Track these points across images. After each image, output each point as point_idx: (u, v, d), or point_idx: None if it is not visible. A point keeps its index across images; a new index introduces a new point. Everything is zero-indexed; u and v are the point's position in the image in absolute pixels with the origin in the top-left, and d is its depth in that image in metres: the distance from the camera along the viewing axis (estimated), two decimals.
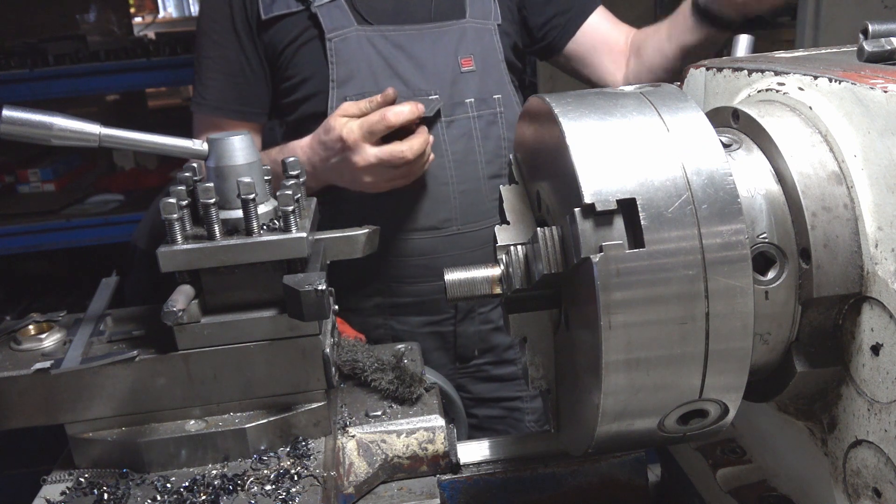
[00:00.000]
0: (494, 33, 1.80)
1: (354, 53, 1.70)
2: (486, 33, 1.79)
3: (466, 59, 1.75)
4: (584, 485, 1.21)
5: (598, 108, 0.81)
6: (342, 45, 1.69)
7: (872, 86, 0.77)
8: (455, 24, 1.76)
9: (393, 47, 1.71)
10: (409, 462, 1.12)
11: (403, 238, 1.77)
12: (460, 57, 1.75)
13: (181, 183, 1.09)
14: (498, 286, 0.90)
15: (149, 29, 5.51)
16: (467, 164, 1.76)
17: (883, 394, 0.78)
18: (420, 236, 1.77)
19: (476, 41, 1.77)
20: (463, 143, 1.75)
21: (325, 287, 0.94)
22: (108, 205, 4.00)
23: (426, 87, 1.72)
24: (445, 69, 1.73)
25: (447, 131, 1.74)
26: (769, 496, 1.03)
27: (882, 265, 0.77)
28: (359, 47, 1.70)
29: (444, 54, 1.74)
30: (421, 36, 1.73)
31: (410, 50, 1.72)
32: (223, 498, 0.96)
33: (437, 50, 1.73)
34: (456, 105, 1.75)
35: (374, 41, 1.71)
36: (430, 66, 1.73)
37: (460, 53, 1.75)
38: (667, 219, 0.73)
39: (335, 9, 1.70)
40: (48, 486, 1.02)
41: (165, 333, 1.04)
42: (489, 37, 1.79)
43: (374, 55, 1.70)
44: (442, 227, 1.76)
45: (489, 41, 1.79)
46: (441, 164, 1.74)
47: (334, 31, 1.69)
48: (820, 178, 0.82)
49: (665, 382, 0.76)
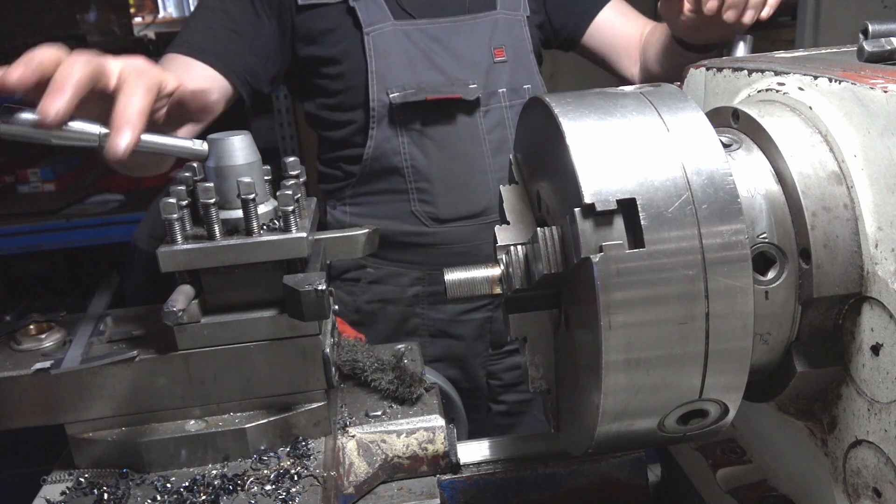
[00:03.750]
0: (524, 25, 1.84)
1: (392, 47, 1.71)
2: (515, 24, 1.83)
3: (499, 50, 1.79)
4: (584, 485, 1.21)
5: (598, 108, 0.81)
6: (379, 39, 1.71)
7: (872, 86, 0.77)
8: (487, 16, 1.79)
9: (429, 40, 1.74)
10: (409, 462, 1.12)
11: (444, 227, 1.80)
12: (493, 47, 1.78)
13: (181, 183, 1.09)
14: (498, 286, 0.90)
15: (149, 29, 5.51)
16: (502, 152, 1.79)
17: (883, 394, 0.78)
18: (461, 225, 1.80)
19: (507, 32, 1.80)
20: (498, 132, 1.79)
21: (325, 287, 0.94)
22: (108, 205, 3.99)
23: (463, 77, 1.75)
24: (481, 59, 1.76)
25: (484, 120, 1.77)
26: (769, 496, 1.03)
27: (882, 265, 0.77)
28: (396, 41, 1.72)
29: (478, 45, 1.77)
30: (456, 28, 1.76)
31: (447, 42, 1.75)
32: (223, 498, 0.96)
33: (471, 41, 1.76)
34: (491, 94, 1.78)
35: (410, 34, 1.73)
36: (466, 57, 1.75)
37: (493, 44, 1.78)
38: (667, 219, 0.73)
39: (372, 3, 1.72)
40: (48, 486, 1.02)
41: (165, 333, 1.04)
42: (518, 28, 1.83)
43: (411, 48, 1.72)
44: (481, 215, 1.80)
45: (519, 32, 1.83)
46: (480, 153, 1.78)
47: (372, 26, 1.71)
48: (820, 178, 0.82)
49: (665, 382, 0.76)
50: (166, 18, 7.44)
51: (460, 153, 1.77)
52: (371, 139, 1.75)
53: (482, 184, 1.78)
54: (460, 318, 1.89)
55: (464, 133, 1.76)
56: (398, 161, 1.77)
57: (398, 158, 1.76)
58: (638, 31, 1.93)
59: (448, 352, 1.92)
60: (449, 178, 1.77)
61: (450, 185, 1.78)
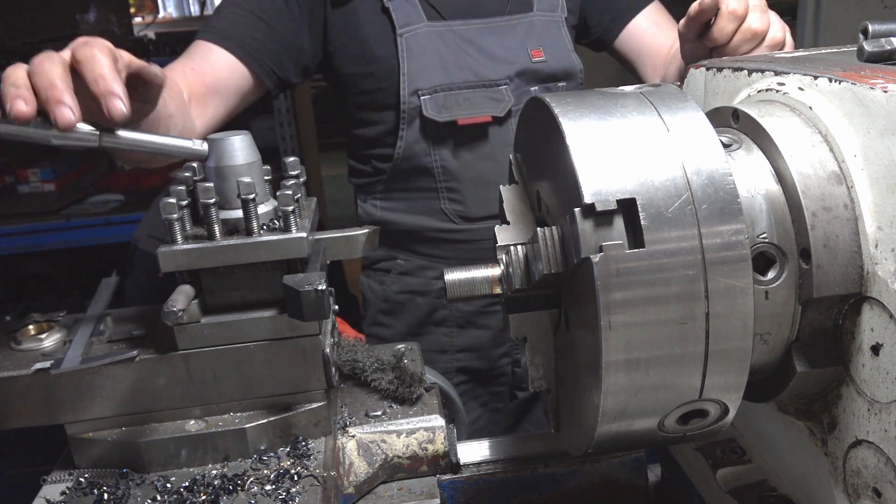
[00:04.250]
0: (562, 25, 1.82)
1: (425, 48, 1.71)
2: (553, 26, 1.81)
3: (536, 50, 1.77)
4: (584, 485, 1.21)
5: (598, 108, 0.81)
6: (413, 41, 1.70)
7: (872, 86, 0.77)
8: (523, 18, 1.78)
9: (462, 41, 1.73)
10: (409, 462, 1.12)
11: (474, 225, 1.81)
12: (530, 49, 1.77)
13: (181, 183, 1.09)
14: (498, 286, 0.90)
15: (149, 29, 5.51)
16: None
17: (883, 394, 0.78)
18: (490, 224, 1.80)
19: (545, 34, 1.79)
20: None
21: (325, 287, 0.94)
22: (108, 205, 3.99)
23: (496, 77, 1.74)
24: (516, 59, 1.75)
25: (514, 121, 1.76)
26: (769, 496, 1.03)
27: (882, 265, 0.77)
28: (429, 42, 1.71)
29: (512, 46, 1.76)
30: (489, 29, 1.75)
31: (480, 43, 1.74)
32: (223, 498, 0.96)
33: (506, 42, 1.76)
34: (522, 94, 1.77)
35: (443, 36, 1.72)
36: (500, 57, 1.74)
37: (529, 45, 1.77)
38: (667, 219, 0.73)
39: (407, 4, 1.71)
40: (48, 486, 1.02)
41: (165, 333, 1.04)
42: (556, 29, 1.82)
43: (444, 49, 1.72)
44: None
45: (557, 33, 1.82)
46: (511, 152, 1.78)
47: (405, 27, 1.70)
48: (820, 178, 0.82)
49: (665, 382, 0.76)
50: (166, 18, 7.45)
51: (490, 154, 1.76)
52: (401, 139, 1.75)
53: None
54: (488, 310, 1.90)
55: (494, 136, 1.76)
56: (428, 162, 1.77)
57: (428, 159, 1.77)
58: (668, 43, 1.89)
59: (475, 342, 1.93)
60: (478, 178, 1.77)
61: (479, 186, 1.78)
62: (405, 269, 1.90)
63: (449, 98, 1.71)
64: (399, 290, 1.92)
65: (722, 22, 1.31)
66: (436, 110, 1.71)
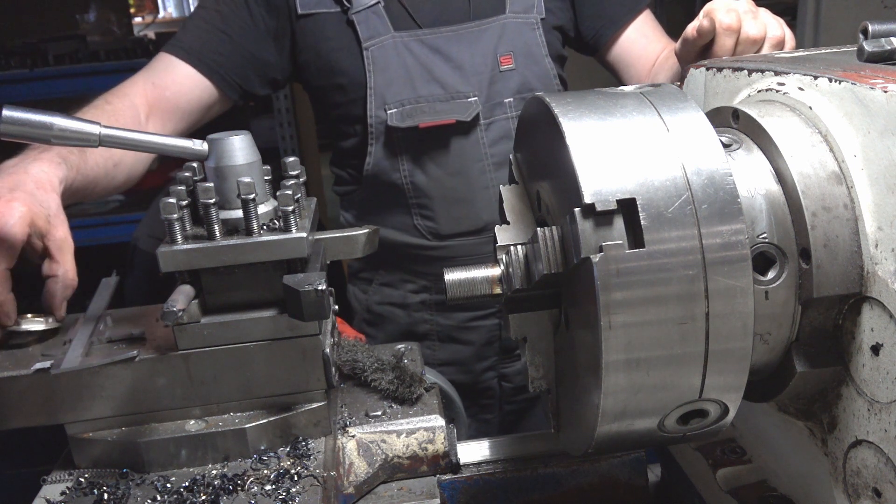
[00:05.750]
0: (536, 27, 1.76)
1: (391, 61, 1.67)
2: (526, 28, 1.76)
3: (506, 57, 1.72)
4: (584, 485, 1.21)
5: (598, 108, 0.81)
6: (379, 53, 1.67)
7: (872, 86, 0.77)
8: (495, 21, 1.73)
9: (430, 51, 1.69)
10: (409, 462, 1.12)
11: (446, 242, 1.78)
12: (500, 55, 1.72)
13: (181, 183, 1.09)
14: (498, 286, 0.90)
15: (149, 29, 5.51)
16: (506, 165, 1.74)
17: (883, 394, 0.78)
18: (463, 241, 1.78)
19: (517, 37, 1.74)
20: (502, 145, 1.74)
21: (325, 287, 0.94)
22: (108, 205, 3.99)
23: (464, 90, 1.70)
24: (484, 69, 1.71)
25: (486, 134, 1.73)
26: (769, 496, 1.03)
27: (882, 265, 0.77)
28: (395, 54, 1.67)
29: (482, 54, 1.71)
30: (458, 37, 1.71)
31: (448, 52, 1.70)
32: (223, 498, 0.96)
33: (475, 50, 1.71)
34: (494, 106, 1.73)
35: (410, 46, 1.68)
36: (468, 68, 1.70)
37: (500, 51, 1.72)
38: (667, 219, 0.73)
39: (372, 15, 1.67)
40: (48, 486, 1.02)
41: (165, 333, 1.04)
42: (530, 31, 1.76)
43: (411, 61, 1.68)
44: (483, 231, 1.77)
45: (531, 36, 1.76)
46: (481, 168, 1.74)
47: (371, 40, 1.67)
48: (820, 178, 0.82)
49: (665, 382, 0.76)
50: (166, 18, 7.44)
51: (459, 170, 1.73)
52: (370, 155, 1.73)
53: (484, 199, 1.75)
54: (469, 325, 1.89)
55: (463, 150, 1.73)
56: (397, 178, 1.74)
57: (397, 175, 1.74)
58: (655, 55, 1.85)
59: (457, 356, 1.91)
60: (449, 194, 1.74)
61: (450, 202, 1.75)
62: (385, 281, 1.89)
63: (416, 110, 1.68)
64: (380, 301, 1.91)
65: (720, 39, 1.28)
66: (399, 119, 1.68)
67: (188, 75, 1.65)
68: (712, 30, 1.28)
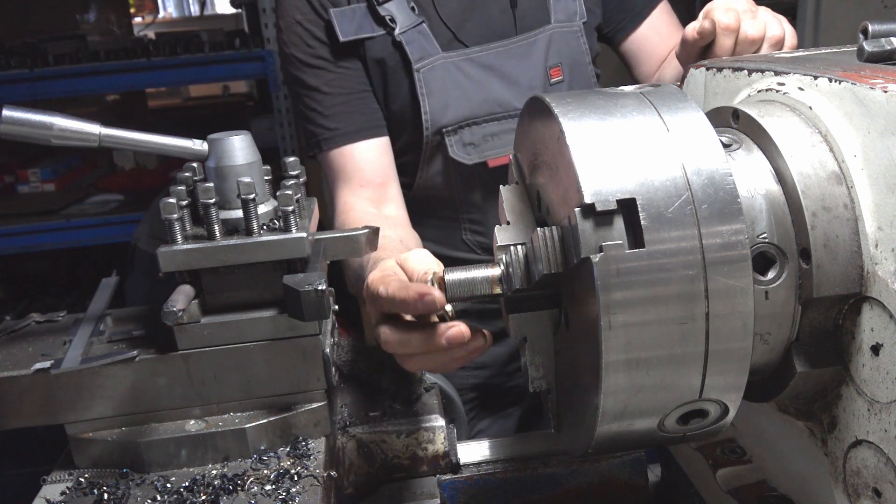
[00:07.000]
0: (580, 34, 1.73)
1: (445, 83, 1.61)
2: (571, 37, 1.71)
3: (555, 70, 1.68)
4: (584, 485, 1.21)
5: (598, 107, 0.81)
6: (430, 75, 1.60)
7: (872, 86, 0.77)
8: (542, 33, 1.67)
9: (482, 70, 1.63)
10: (409, 462, 1.12)
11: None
12: (549, 67, 1.68)
13: (181, 183, 1.09)
14: (498, 286, 0.89)
15: (149, 29, 5.52)
16: None
17: (883, 394, 0.78)
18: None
19: (563, 48, 1.70)
20: None
21: (325, 287, 0.94)
22: (108, 205, 4.00)
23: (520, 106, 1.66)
24: (537, 84, 1.66)
25: None
26: (769, 496, 1.03)
27: (882, 265, 0.77)
28: (448, 75, 1.61)
29: (534, 68, 1.66)
30: (509, 52, 1.65)
31: (500, 69, 1.65)
32: (223, 498, 0.96)
33: (527, 65, 1.66)
34: None
35: (461, 66, 1.62)
36: (523, 83, 1.65)
37: (549, 63, 1.68)
38: (667, 219, 0.73)
39: (419, 35, 1.60)
40: (48, 486, 1.02)
41: (165, 333, 1.04)
42: (575, 40, 1.72)
43: (464, 81, 1.62)
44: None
45: (576, 45, 1.72)
46: None
47: (421, 61, 1.59)
48: (820, 178, 0.82)
49: (665, 382, 0.76)
50: (166, 18, 7.45)
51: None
52: (421, 170, 1.69)
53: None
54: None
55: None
56: (449, 194, 1.71)
57: (449, 192, 1.70)
58: (667, 51, 1.82)
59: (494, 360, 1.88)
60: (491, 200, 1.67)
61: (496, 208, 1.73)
62: None
63: (475, 133, 1.63)
64: None
65: (719, 39, 1.27)
66: (462, 151, 1.62)
67: (365, 149, 1.63)
68: (713, 31, 1.27)
